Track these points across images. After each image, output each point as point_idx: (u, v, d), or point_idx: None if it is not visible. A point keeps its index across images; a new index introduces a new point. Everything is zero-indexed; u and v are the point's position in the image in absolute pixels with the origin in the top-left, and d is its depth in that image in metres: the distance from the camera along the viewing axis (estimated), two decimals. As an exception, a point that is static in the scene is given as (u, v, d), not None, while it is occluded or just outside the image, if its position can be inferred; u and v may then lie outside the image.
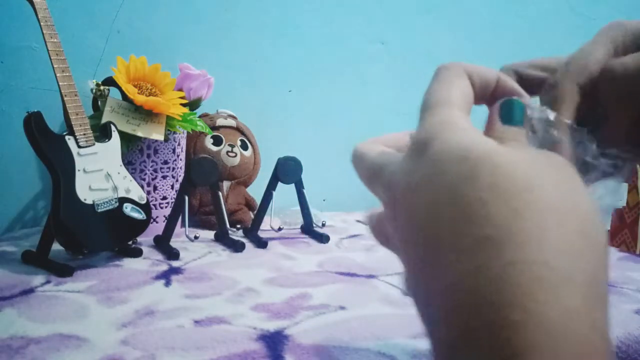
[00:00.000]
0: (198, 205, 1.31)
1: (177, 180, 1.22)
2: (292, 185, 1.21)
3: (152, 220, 1.14)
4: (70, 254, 0.98)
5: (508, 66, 0.31)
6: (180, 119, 1.13)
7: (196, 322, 0.72)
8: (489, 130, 0.24)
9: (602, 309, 0.18)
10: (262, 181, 1.24)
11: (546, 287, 0.17)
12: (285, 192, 1.22)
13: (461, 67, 0.26)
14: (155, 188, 1.18)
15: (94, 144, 0.96)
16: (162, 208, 1.20)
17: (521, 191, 0.19)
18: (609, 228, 1.44)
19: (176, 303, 0.79)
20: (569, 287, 0.17)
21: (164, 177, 1.19)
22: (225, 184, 1.33)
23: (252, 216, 1.28)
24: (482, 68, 0.26)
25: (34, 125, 0.90)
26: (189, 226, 1.11)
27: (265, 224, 1.23)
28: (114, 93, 1.11)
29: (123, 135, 1.03)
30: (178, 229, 1.14)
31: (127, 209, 0.99)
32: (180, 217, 1.11)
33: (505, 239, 0.18)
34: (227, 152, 1.31)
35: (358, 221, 1.43)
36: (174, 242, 1.08)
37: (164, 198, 1.20)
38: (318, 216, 1.29)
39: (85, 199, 0.93)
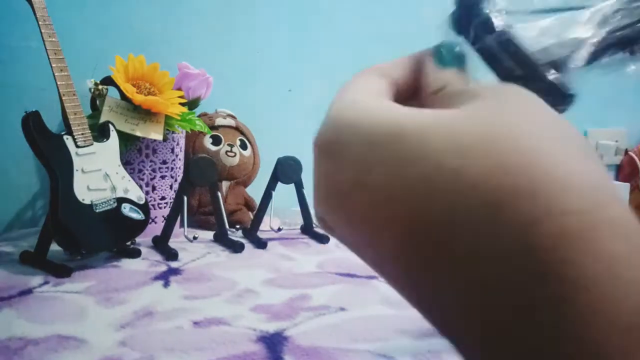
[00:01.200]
0: (197, 206, 1.30)
1: (175, 180, 1.21)
2: (292, 185, 1.20)
3: (150, 220, 1.13)
4: (69, 255, 0.98)
5: None
6: (179, 118, 1.12)
7: (195, 323, 0.72)
8: (427, 90, 0.22)
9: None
10: (262, 181, 1.24)
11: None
12: (285, 192, 1.21)
13: (372, 70, 0.24)
14: (153, 188, 1.18)
15: (92, 144, 0.96)
16: (160, 208, 1.19)
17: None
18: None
19: (175, 304, 0.78)
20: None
21: (163, 177, 1.19)
22: (225, 184, 1.32)
23: (252, 216, 1.27)
24: (399, 62, 0.24)
25: (32, 124, 0.89)
26: (188, 226, 1.11)
27: (264, 225, 1.22)
28: (112, 92, 1.10)
29: (121, 135, 1.03)
30: (177, 229, 1.14)
31: (126, 209, 0.98)
32: (179, 218, 1.11)
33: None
34: (226, 151, 1.30)
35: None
36: (173, 243, 1.08)
37: (163, 198, 1.20)
38: (318, 216, 1.29)
39: (83, 199, 0.92)
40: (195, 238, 1.12)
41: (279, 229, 1.24)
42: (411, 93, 0.23)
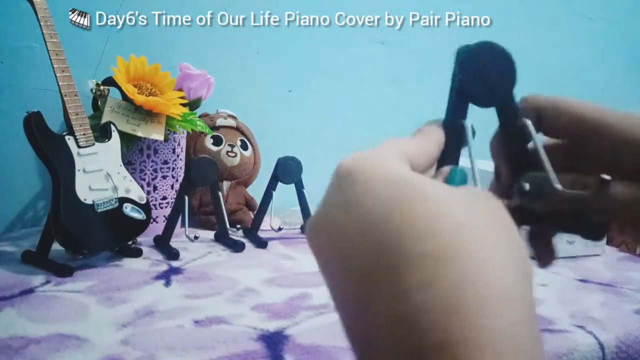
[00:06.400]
0: (198, 205, 1.31)
1: (177, 180, 1.22)
2: (292, 185, 1.20)
3: (152, 220, 1.14)
4: (70, 254, 0.98)
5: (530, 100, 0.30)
6: (180, 119, 1.13)
7: (196, 322, 0.72)
8: None
9: (537, 324, 0.20)
10: (262, 181, 1.24)
11: (492, 303, 0.18)
12: (285, 192, 1.22)
13: (391, 145, 0.26)
14: (155, 188, 1.18)
15: (93, 144, 0.96)
16: (162, 208, 1.20)
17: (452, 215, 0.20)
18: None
19: (176, 303, 0.79)
20: (510, 304, 0.19)
21: (164, 177, 1.19)
22: (225, 184, 1.33)
23: (252, 216, 1.28)
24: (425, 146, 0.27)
25: (34, 125, 0.90)
26: (189, 226, 1.11)
27: (265, 224, 1.22)
28: (113, 93, 1.11)
29: (123, 135, 1.03)
30: (178, 229, 1.14)
31: (127, 209, 0.99)
32: (180, 217, 1.11)
33: (447, 256, 0.19)
34: (227, 152, 1.31)
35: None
36: (174, 242, 1.08)
37: (164, 198, 1.20)
38: (318, 216, 1.29)
39: (85, 199, 0.93)
40: (196, 237, 1.12)
41: (280, 229, 1.24)
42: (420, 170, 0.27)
